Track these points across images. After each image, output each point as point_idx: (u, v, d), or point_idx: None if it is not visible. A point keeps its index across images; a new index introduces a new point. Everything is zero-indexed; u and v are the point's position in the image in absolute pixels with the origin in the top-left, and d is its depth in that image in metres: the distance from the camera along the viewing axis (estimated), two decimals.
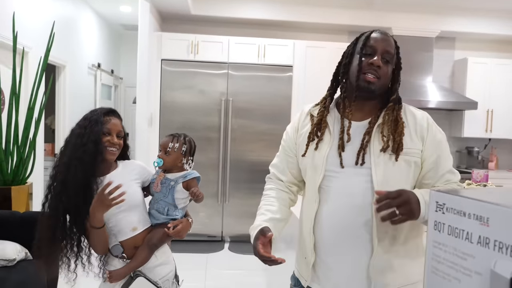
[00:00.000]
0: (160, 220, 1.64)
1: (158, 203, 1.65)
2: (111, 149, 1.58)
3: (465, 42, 5.25)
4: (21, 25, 3.51)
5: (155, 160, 1.66)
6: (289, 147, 1.47)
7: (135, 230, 1.60)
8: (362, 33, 1.37)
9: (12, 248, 2.43)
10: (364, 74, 1.26)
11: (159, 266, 1.64)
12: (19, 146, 2.99)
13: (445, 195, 0.68)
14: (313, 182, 1.34)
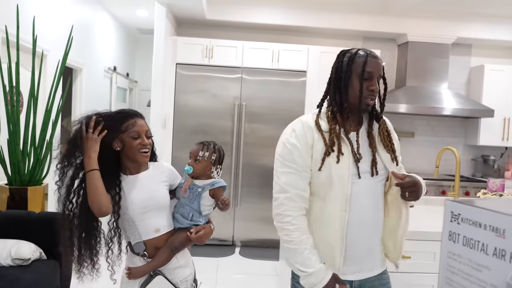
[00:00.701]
0: (184, 225, 1.66)
1: (183, 207, 1.67)
2: (144, 150, 1.59)
3: (481, 48, 5.18)
4: (41, 28, 3.59)
5: (185, 167, 1.68)
6: (306, 163, 1.44)
7: (158, 231, 1.63)
8: (353, 52, 1.49)
9: (27, 247, 2.47)
10: (366, 98, 1.44)
11: (179, 268, 1.66)
12: (36, 147, 3.05)
13: (460, 205, 0.68)
14: (341, 192, 1.41)
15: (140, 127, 1.60)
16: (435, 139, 5.15)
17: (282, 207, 1.42)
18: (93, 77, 5.09)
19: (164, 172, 1.71)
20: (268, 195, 5.09)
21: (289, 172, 1.43)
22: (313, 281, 1.38)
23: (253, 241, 4.52)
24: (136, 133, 1.58)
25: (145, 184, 1.63)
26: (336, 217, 1.41)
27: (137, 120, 1.62)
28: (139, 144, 1.58)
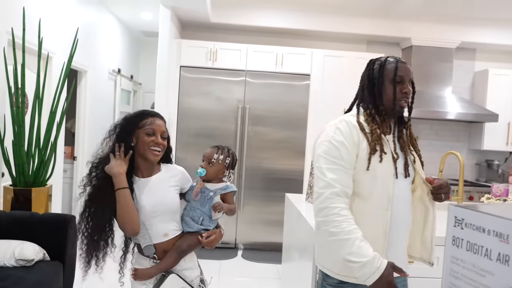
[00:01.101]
0: (193, 229, 1.65)
1: (194, 211, 1.66)
2: (155, 148, 1.60)
3: (486, 53, 5.17)
4: (46, 31, 3.61)
5: (198, 170, 1.67)
6: (352, 161, 1.48)
7: (167, 236, 1.63)
8: (383, 59, 1.59)
9: (31, 248, 2.48)
10: (400, 100, 1.54)
11: (186, 270, 1.67)
12: (41, 149, 3.07)
13: (464, 210, 0.68)
14: (384, 191, 1.48)
15: (157, 126, 1.62)
16: (439, 143, 5.14)
17: (328, 201, 1.41)
18: (97, 79, 5.12)
19: (176, 176, 1.71)
20: (271, 198, 5.08)
21: (336, 168, 1.45)
22: (369, 270, 1.33)
23: (256, 244, 4.52)
24: (152, 130, 1.60)
25: (156, 188, 1.63)
26: (379, 215, 1.46)
27: (156, 119, 1.64)
28: (151, 142, 1.59)
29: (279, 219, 4.02)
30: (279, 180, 4.50)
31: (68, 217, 2.75)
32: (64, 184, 4.65)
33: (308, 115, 4.48)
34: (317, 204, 1.44)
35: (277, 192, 4.38)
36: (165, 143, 1.64)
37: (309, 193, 2.85)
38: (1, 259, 2.39)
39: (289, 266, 2.87)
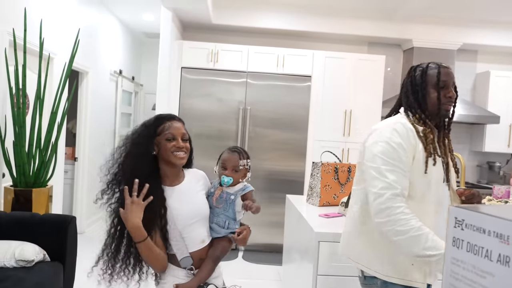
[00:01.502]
0: (221, 234, 1.63)
1: (218, 217, 1.63)
2: (179, 153, 1.54)
3: (487, 55, 5.16)
4: (48, 32, 3.62)
5: (225, 179, 1.61)
6: (408, 163, 1.50)
7: (203, 242, 1.59)
8: (425, 66, 1.62)
9: (31, 249, 2.48)
10: (444, 105, 1.57)
11: (216, 278, 1.63)
12: (41, 150, 3.07)
13: (464, 211, 0.67)
14: (436, 194, 1.53)
15: (176, 130, 1.56)
16: None
17: (390, 202, 1.41)
18: (99, 80, 5.13)
19: (200, 180, 1.68)
20: (272, 199, 5.06)
21: (395, 170, 1.46)
22: None
23: (257, 246, 4.51)
24: (171, 135, 1.54)
25: (188, 195, 1.58)
26: (431, 218, 1.50)
27: (173, 122, 1.58)
28: (173, 146, 1.53)
29: (279, 221, 4.02)
30: (280, 182, 4.49)
31: (68, 218, 2.75)
32: (65, 185, 4.65)
33: (309, 116, 4.48)
34: (377, 205, 1.43)
35: (278, 194, 4.37)
36: (187, 145, 1.58)
37: (310, 194, 2.85)
38: (1, 259, 2.39)
39: (289, 268, 2.87)
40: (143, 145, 1.53)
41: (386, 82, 4.91)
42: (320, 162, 2.81)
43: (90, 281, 1.64)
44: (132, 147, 1.54)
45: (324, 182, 2.76)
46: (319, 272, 2.05)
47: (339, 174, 2.83)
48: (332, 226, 2.19)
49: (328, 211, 2.58)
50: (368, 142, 1.58)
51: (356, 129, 4.51)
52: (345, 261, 2.05)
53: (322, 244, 2.05)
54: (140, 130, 1.58)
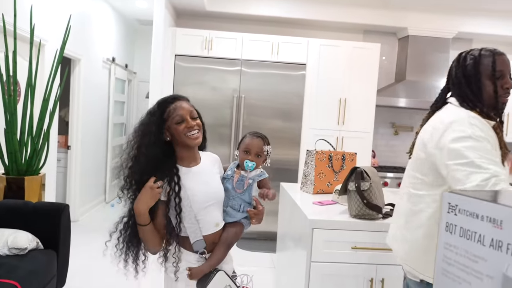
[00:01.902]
0: (236, 218, 1.62)
1: (234, 200, 1.62)
2: (192, 133, 1.50)
3: (482, 43, 5.16)
4: (39, 18, 3.56)
5: (248, 163, 1.59)
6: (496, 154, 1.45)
7: (218, 225, 1.57)
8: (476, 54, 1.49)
9: (24, 237, 2.47)
10: (501, 97, 1.46)
11: (226, 263, 1.61)
12: (33, 137, 3.04)
13: (458, 196, 0.67)
14: None
15: (182, 110, 1.51)
16: None
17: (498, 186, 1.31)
18: (91, 67, 5.07)
19: (216, 163, 1.67)
20: None
21: (490, 161, 1.35)
22: None
23: (251, 233, 4.53)
24: (179, 117, 1.49)
25: (205, 176, 1.57)
26: None
27: (177, 103, 1.53)
28: (185, 128, 1.49)
29: (274, 209, 4.03)
30: (274, 170, 4.49)
31: (61, 206, 2.74)
32: (58, 173, 4.63)
33: (304, 104, 4.47)
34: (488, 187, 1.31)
35: (272, 182, 4.35)
36: (199, 122, 1.54)
37: (304, 182, 2.85)
38: None
39: (283, 255, 2.88)
40: (152, 134, 1.49)
41: (381, 71, 4.90)
42: (314, 150, 2.81)
43: (84, 269, 1.64)
44: (142, 138, 1.50)
45: (318, 170, 2.76)
46: (313, 259, 2.07)
47: (333, 162, 2.84)
48: (326, 214, 2.20)
49: (322, 198, 2.58)
50: (444, 142, 1.41)
51: (350, 117, 4.51)
52: (338, 248, 2.06)
53: (316, 231, 2.06)
54: (146, 119, 1.54)
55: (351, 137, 4.52)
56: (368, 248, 2.07)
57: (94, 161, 5.41)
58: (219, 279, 1.52)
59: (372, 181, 2.09)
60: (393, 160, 5.13)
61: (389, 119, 5.10)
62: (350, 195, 2.13)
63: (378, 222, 2.09)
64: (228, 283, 1.56)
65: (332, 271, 2.07)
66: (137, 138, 1.51)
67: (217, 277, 1.51)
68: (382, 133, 5.10)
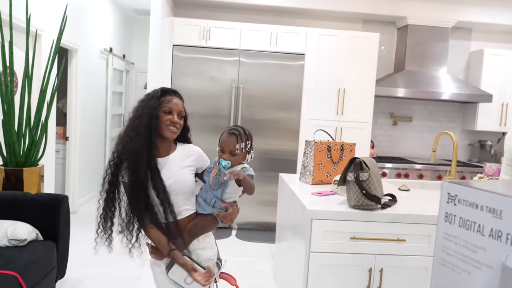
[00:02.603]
0: (206, 211, 1.66)
1: (207, 193, 1.66)
2: (171, 127, 1.61)
3: (481, 33, 5.13)
4: (35, 7, 3.52)
5: (222, 163, 1.59)
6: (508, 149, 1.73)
7: (180, 215, 1.63)
8: None
9: (24, 228, 2.47)
10: None
11: (201, 249, 1.67)
12: (31, 129, 3.03)
13: (457, 186, 0.67)
14: None
15: (174, 105, 1.63)
16: (432, 124, 5.15)
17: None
18: (89, 58, 5.03)
19: (191, 156, 1.70)
20: (265, 178, 5.06)
21: None
22: None
23: (250, 224, 4.55)
24: (169, 109, 1.61)
25: (172, 167, 1.63)
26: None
27: (174, 98, 1.65)
28: (168, 120, 1.60)
29: (272, 199, 4.04)
30: (273, 161, 4.50)
31: (60, 197, 2.74)
32: (56, 164, 4.62)
33: (303, 95, 4.45)
34: None
35: (271, 173, 4.38)
36: (181, 122, 1.66)
37: (303, 172, 2.86)
38: None
39: (282, 246, 2.90)
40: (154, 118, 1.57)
41: (380, 61, 4.88)
42: (313, 140, 2.80)
43: (84, 260, 1.65)
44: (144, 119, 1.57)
45: (317, 161, 2.76)
46: (312, 249, 2.08)
47: (332, 152, 2.84)
48: (324, 204, 2.21)
49: (321, 189, 2.59)
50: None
51: (349, 108, 4.50)
52: (337, 239, 2.07)
53: (314, 222, 2.06)
54: (141, 98, 1.64)
55: (350, 128, 4.51)
56: (367, 239, 2.08)
57: (92, 152, 5.40)
58: (176, 269, 1.59)
59: (371, 172, 2.09)
60: (392, 151, 5.13)
61: (388, 109, 5.09)
62: (349, 186, 2.13)
63: (377, 213, 2.10)
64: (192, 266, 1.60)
65: (331, 261, 2.09)
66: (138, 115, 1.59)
67: (175, 267, 1.59)
68: (381, 124, 5.10)
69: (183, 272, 1.59)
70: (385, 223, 2.07)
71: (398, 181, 3.28)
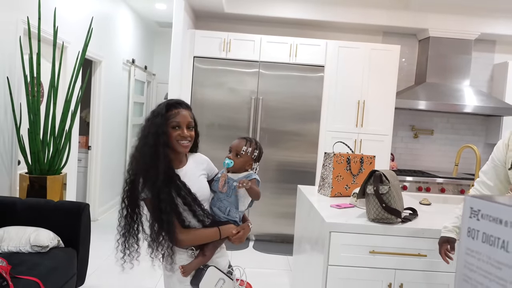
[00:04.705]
0: (221, 219, 1.68)
1: (221, 202, 1.68)
2: (183, 142, 1.60)
3: (506, 45, 5.04)
4: (62, 20, 3.64)
5: (226, 161, 1.67)
6: (498, 158, 1.80)
7: None
8: None
9: (46, 235, 2.52)
10: None
11: (219, 258, 1.70)
12: (56, 138, 3.11)
13: (480, 201, 0.66)
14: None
15: (182, 118, 1.60)
16: (455, 137, 5.05)
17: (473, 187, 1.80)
18: (112, 69, 5.15)
19: (203, 164, 1.73)
20: (284, 189, 5.04)
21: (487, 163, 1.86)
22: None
23: (267, 236, 4.52)
24: (176, 123, 1.58)
25: (191, 176, 1.64)
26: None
27: (181, 110, 1.61)
28: (178, 135, 1.58)
29: (291, 211, 4.01)
30: (292, 172, 4.48)
31: (82, 205, 2.79)
32: (78, 173, 4.72)
33: (322, 107, 4.44)
34: None
35: (290, 184, 4.37)
36: (192, 133, 1.63)
37: (322, 185, 2.84)
38: (17, 245, 2.44)
39: (300, 258, 2.87)
40: (160, 135, 1.56)
41: (400, 73, 4.84)
42: (333, 152, 2.79)
43: (103, 267, 1.67)
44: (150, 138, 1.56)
45: (336, 173, 2.74)
46: (330, 262, 2.05)
47: (351, 164, 2.81)
48: (343, 217, 2.18)
49: (339, 201, 2.56)
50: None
51: (369, 120, 4.46)
52: (356, 252, 2.04)
53: (333, 235, 2.04)
54: (147, 116, 1.62)
55: (370, 140, 4.47)
56: (386, 253, 2.04)
57: (113, 162, 5.49)
58: (210, 274, 1.60)
59: (391, 185, 2.06)
60: (413, 164, 5.05)
61: (408, 122, 5.03)
62: (368, 199, 2.11)
63: (397, 226, 2.06)
64: (221, 276, 1.63)
65: (349, 275, 2.05)
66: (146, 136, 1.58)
67: (209, 272, 1.59)
68: (402, 136, 5.03)
69: (213, 280, 1.60)
70: (406, 238, 2.03)
71: (419, 195, 3.22)
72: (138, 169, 1.56)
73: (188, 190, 1.58)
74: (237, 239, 1.66)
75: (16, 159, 3.17)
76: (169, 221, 1.54)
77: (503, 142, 1.80)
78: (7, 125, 3.03)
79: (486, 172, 1.85)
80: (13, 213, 2.66)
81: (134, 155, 1.59)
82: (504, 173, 1.77)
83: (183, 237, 1.58)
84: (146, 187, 1.55)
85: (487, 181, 1.83)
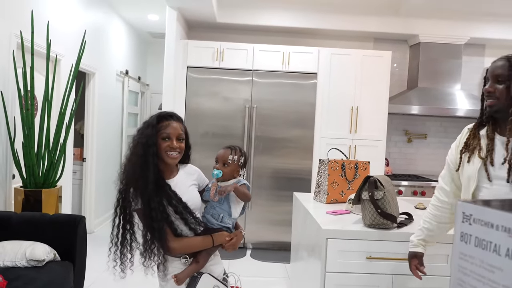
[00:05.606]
0: (214, 226, 1.71)
1: (214, 209, 1.72)
2: (171, 153, 1.62)
3: (495, 49, 5.10)
4: (55, 33, 3.65)
5: (214, 172, 1.71)
6: (451, 161, 1.71)
7: None
8: None
9: (42, 249, 2.51)
10: (483, 100, 1.63)
11: (213, 265, 1.72)
12: (50, 151, 3.10)
13: (472, 206, 0.67)
14: (467, 193, 1.55)
15: (172, 129, 1.62)
16: (448, 141, 5.09)
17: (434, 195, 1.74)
18: (105, 80, 5.16)
19: (193, 175, 1.76)
20: (279, 197, 5.06)
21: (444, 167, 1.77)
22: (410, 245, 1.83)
23: (264, 244, 4.52)
24: (167, 135, 1.60)
25: (181, 187, 1.66)
26: None
27: (171, 122, 1.64)
28: (167, 146, 1.60)
29: (287, 219, 4.01)
30: (287, 179, 4.49)
31: (78, 218, 2.77)
32: (73, 185, 4.69)
33: (316, 113, 4.47)
34: None
35: (285, 192, 4.37)
36: (182, 145, 1.66)
37: (317, 191, 2.85)
38: (13, 259, 2.42)
39: (297, 265, 2.87)
40: (150, 146, 1.58)
41: (392, 78, 4.88)
42: (327, 159, 2.80)
43: (100, 280, 1.67)
44: (140, 148, 1.59)
45: (331, 179, 2.76)
46: (328, 269, 2.06)
47: (346, 171, 2.83)
48: (339, 223, 2.19)
49: (335, 208, 2.57)
50: None
51: (362, 126, 4.49)
52: (353, 258, 2.05)
53: (330, 241, 2.05)
54: (139, 127, 1.65)
55: (364, 146, 4.50)
56: (383, 258, 2.05)
57: (108, 173, 5.47)
58: (205, 281, 1.62)
59: (386, 190, 2.07)
60: (407, 168, 5.08)
61: (402, 126, 5.07)
62: (364, 205, 2.12)
63: (393, 232, 2.07)
64: (215, 283, 1.66)
65: (347, 282, 2.06)
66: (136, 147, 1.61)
67: (203, 280, 1.62)
68: (395, 141, 5.07)
69: (208, 287, 1.62)
70: (402, 242, 2.04)
71: (415, 199, 3.24)
72: (129, 179, 1.58)
73: (179, 199, 1.61)
74: (231, 246, 1.68)
75: (11, 173, 3.15)
76: (160, 229, 1.55)
77: (455, 144, 1.73)
78: (1, 139, 3.02)
79: (443, 176, 1.75)
80: (9, 228, 2.64)
81: (125, 164, 1.61)
82: (459, 177, 1.67)
83: (175, 245, 1.59)
84: (137, 196, 1.56)
85: (444, 186, 1.72)
